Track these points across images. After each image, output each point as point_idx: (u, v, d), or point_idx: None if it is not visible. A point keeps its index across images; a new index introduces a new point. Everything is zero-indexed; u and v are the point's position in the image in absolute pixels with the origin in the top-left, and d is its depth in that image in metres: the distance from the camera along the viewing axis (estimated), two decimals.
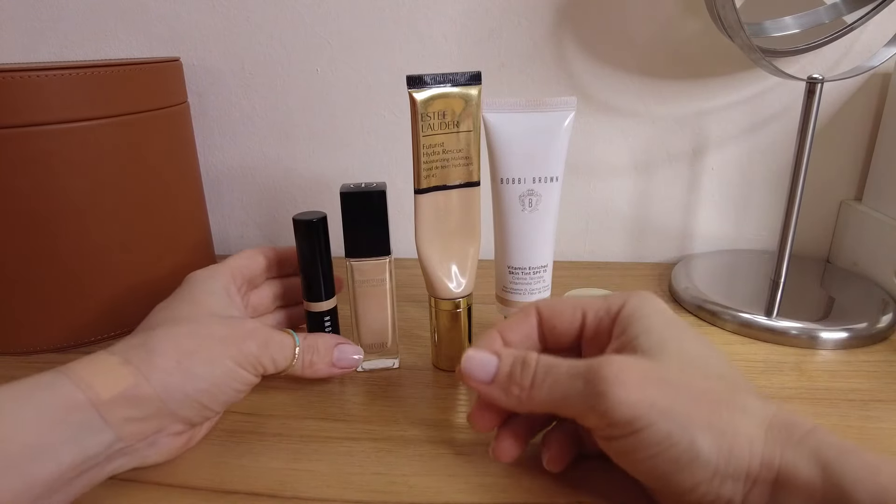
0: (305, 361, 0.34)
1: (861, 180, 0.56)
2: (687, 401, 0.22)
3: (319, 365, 0.35)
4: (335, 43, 0.55)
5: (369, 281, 0.37)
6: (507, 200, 0.38)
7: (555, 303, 0.30)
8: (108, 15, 0.56)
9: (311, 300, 0.39)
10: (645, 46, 0.53)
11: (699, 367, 0.24)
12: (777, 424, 0.22)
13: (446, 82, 0.35)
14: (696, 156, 0.57)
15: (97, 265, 0.43)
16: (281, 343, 0.33)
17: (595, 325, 0.28)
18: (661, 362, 0.24)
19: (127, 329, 0.45)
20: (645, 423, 0.22)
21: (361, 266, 0.37)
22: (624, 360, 0.24)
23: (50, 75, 0.38)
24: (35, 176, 0.39)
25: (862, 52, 0.52)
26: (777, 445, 0.21)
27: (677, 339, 0.25)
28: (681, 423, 0.22)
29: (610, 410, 0.22)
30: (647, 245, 0.60)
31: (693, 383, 0.23)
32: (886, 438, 0.33)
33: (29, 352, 0.42)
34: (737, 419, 0.22)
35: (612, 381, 0.23)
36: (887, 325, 0.43)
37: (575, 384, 0.24)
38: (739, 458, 0.21)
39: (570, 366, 0.25)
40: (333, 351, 0.36)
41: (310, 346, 0.35)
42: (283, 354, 0.33)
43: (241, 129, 0.59)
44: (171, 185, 0.47)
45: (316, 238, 0.38)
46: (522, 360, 0.26)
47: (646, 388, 0.22)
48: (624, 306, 0.28)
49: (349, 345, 0.37)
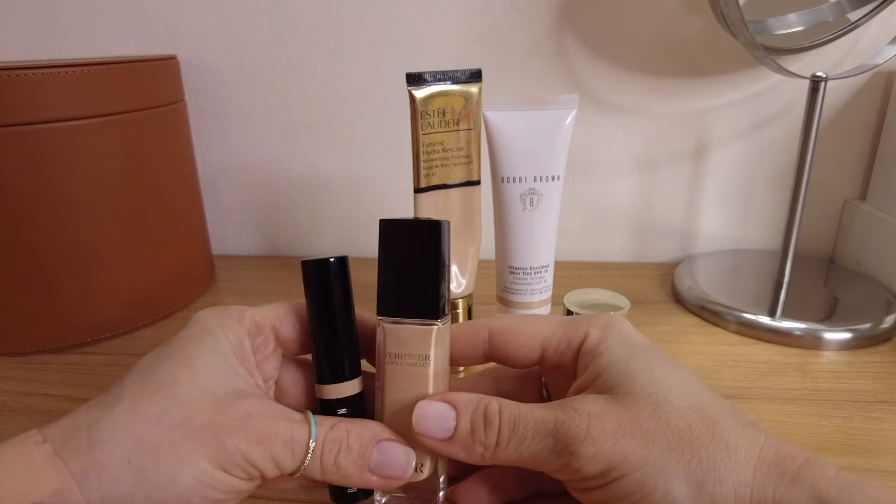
0: (326, 462, 0.24)
1: (865, 179, 0.56)
2: (662, 449, 0.21)
3: (349, 469, 0.24)
4: (334, 41, 0.55)
5: (405, 358, 0.25)
6: (507, 199, 0.38)
7: (510, 329, 0.26)
8: (105, 13, 0.56)
9: (322, 381, 0.26)
10: (647, 44, 0.53)
11: (674, 403, 0.22)
12: (767, 460, 0.21)
13: (446, 80, 0.34)
14: (698, 154, 0.56)
15: (92, 265, 0.42)
16: (288, 438, 0.23)
17: (556, 359, 0.26)
18: (632, 405, 0.22)
19: (124, 330, 0.45)
20: (617, 474, 0.21)
21: (396, 332, 0.25)
22: (593, 410, 0.22)
23: (46, 73, 0.37)
24: (31, 174, 0.39)
25: (866, 50, 0.51)
26: (769, 486, 0.20)
27: (646, 370, 0.23)
28: (655, 473, 0.21)
29: (582, 468, 0.21)
30: (649, 245, 0.60)
31: (669, 426, 0.21)
32: (891, 440, 0.33)
33: (25, 353, 0.42)
34: (719, 463, 0.21)
35: (583, 438, 0.21)
36: (891, 326, 0.43)
37: (544, 442, 0.22)
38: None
39: (536, 421, 0.23)
40: (371, 451, 0.24)
41: (336, 440, 0.24)
42: (290, 455, 0.23)
43: (238, 127, 0.59)
44: (167, 183, 0.47)
45: (330, 287, 0.26)
46: (484, 414, 0.23)
47: (618, 440, 0.21)
48: (586, 338, 0.25)
49: (398, 444, 0.25)
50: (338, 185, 0.60)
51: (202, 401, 0.22)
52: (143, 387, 0.22)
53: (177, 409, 0.22)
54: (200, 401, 0.22)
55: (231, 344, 0.25)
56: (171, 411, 0.22)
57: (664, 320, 0.47)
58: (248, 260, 0.61)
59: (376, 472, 0.24)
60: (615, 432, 0.21)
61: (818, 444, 0.32)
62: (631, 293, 0.49)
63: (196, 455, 0.21)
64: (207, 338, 0.24)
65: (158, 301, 0.47)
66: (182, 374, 0.23)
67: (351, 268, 0.27)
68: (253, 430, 0.22)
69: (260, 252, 0.63)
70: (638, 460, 0.21)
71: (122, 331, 0.45)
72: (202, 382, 0.23)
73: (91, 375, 0.40)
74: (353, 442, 0.24)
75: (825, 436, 0.33)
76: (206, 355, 0.24)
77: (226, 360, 0.24)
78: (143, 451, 0.21)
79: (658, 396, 0.22)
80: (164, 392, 0.22)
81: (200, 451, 0.21)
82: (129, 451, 0.21)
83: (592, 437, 0.21)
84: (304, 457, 0.23)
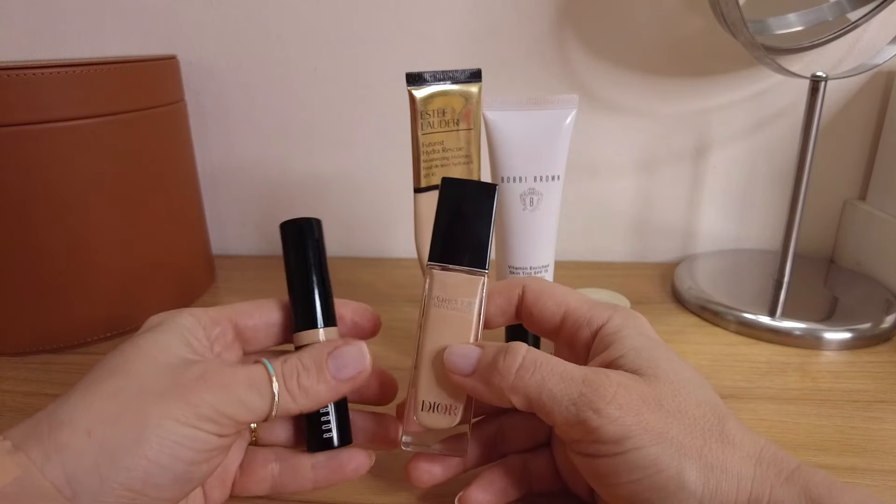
0: (292, 388, 0.24)
1: (865, 179, 0.56)
2: (680, 429, 0.22)
3: (316, 386, 0.24)
4: (334, 40, 0.55)
5: (451, 302, 0.26)
6: (507, 199, 0.38)
7: (542, 290, 0.28)
8: (105, 12, 0.56)
9: (301, 328, 0.27)
10: (647, 44, 0.53)
11: (693, 393, 0.23)
12: (766, 459, 0.21)
13: (446, 80, 0.34)
14: (698, 154, 0.56)
15: (92, 265, 0.42)
16: (248, 378, 0.23)
17: (573, 331, 0.27)
18: (657, 386, 0.23)
19: (123, 330, 0.45)
20: (634, 444, 0.21)
21: (444, 278, 0.26)
22: (622, 379, 0.23)
23: (46, 73, 0.37)
24: (31, 174, 0.39)
25: (866, 50, 0.51)
26: (766, 483, 0.21)
27: (668, 360, 0.24)
28: (671, 450, 0.21)
29: (601, 427, 0.21)
30: (649, 244, 0.60)
31: (688, 412, 0.22)
32: (890, 440, 0.33)
33: (26, 352, 0.42)
34: (727, 453, 0.21)
35: (610, 399, 0.22)
36: (891, 326, 0.43)
37: (569, 389, 0.23)
38: (726, 493, 0.21)
39: (564, 368, 0.23)
40: (328, 361, 0.25)
41: (292, 366, 0.25)
42: (257, 393, 0.23)
43: (238, 127, 0.59)
44: (167, 183, 0.47)
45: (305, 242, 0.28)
46: (507, 348, 0.24)
47: (642, 411, 0.22)
48: (608, 322, 0.26)
49: (347, 344, 0.26)
50: (338, 184, 0.60)
51: (158, 372, 0.23)
52: (97, 375, 0.22)
53: (134, 382, 0.22)
54: (156, 372, 0.22)
55: (181, 326, 0.25)
56: (128, 385, 0.22)
57: (664, 320, 0.47)
58: (249, 260, 0.61)
59: (338, 376, 0.25)
60: (640, 405, 0.22)
61: (818, 443, 0.32)
62: (631, 293, 0.49)
63: (159, 416, 0.21)
64: (156, 329, 0.25)
65: (159, 301, 0.47)
66: (134, 356, 0.23)
67: (352, 268, 0.28)
68: (213, 380, 0.22)
69: (260, 252, 0.63)
70: (658, 435, 0.21)
71: (122, 330, 0.45)
72: (153, 356, 0.23)
73: None
74: (307, 361, 0.25)
75: (825, 435, 0.33)
76: (156, 337, 0.24)
77: (173, 336, 0.24)
78: (102, 421, 0.20)
79: (679, 384, 0.23)
80: (117, 373, 0.22)
81: (163, 412, 0.21)
82: (88, 424, 0.20)
83: (619, 402, 0.22)
84: (270, 391, 0.23)
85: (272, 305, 0.28)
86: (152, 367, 0.23)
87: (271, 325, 0.28)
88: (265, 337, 0.28)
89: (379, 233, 0.61)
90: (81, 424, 0.20)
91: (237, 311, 0.27)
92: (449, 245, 0.27)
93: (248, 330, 0.27)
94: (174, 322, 0.25)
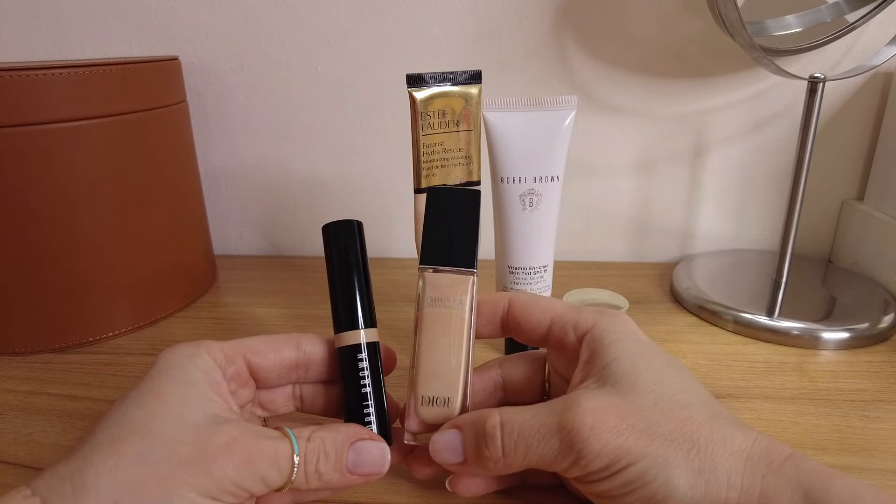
0: (310, 471, 0.24)
1: (863, 180, 0.56)
2: (663, 441, 0.22)
3: (330, 475, 0.25)
4: (335, 41, 0.55)
5: (443, 300, 0.28)
6: (507, 200, 0.38)
7: (528, 301, 0.29)
8: (107, 13, 0.56)
9: (343, 328, 0.28)
10: (646, 45, 0.53)
11: (676, 398, 0.23)
12: (757, 452, 0.22)
13: (446, 81, 0.35)
14: (697, 155, 0.57)
15: (95, 265, 0.42)
16: (273, 455, 0.23)
17: (560, 337, 0.27)
18: (635, 398, 0.23)
19: (126, 329, 0.45)
20: (622, 465, 0.22)
21: (436, 279, 0.28)
22: (597, 404, 0.23)
23: (48, 74, 0.38)
24: (33, 175, 0.39)
25: (864, 51, 0.51)
26: (757, 475, 0.21)
27: (650, 367, 0.25)
28: (657, 463, 0.22)
29: (589, 463, 0.22)
30: (648, 245, 0.60)
31: (671, 419, 0.23)
32: (888, 439, 0.33)
33: (27, 352, 0.42)
34: (716, 453, 0.22)
35: (587, 434, 0.22)
36: (889, 326, 0.43)
37: (550, 444, 0.23)
38: (716, 492, 0.21)
39: (540, 425, 0.23)
40: (348, 452, 0.25)
41: (315, 448, 0.25)
42: (277, 470, 0.23)
43: (240, 128, 0.59)
44: (169, 184, 0.47)
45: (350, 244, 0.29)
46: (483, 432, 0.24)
47: (621, 433, 0.22)
48: (593, 327, 0.26)
49: (372, 441, 0.26)
50: (339, 185, 0.60)
51: (181, 432, 0.22)
52: (119, 429, 0.22)
53: (158, 445, 0.22)
54: (180, 432, 0.22)
55: (201, 371, 0.25)
56: (153, 448, 0.21)
57: (663, 320, 0.47)
58: (250, 260, 0.61)
59: (354, 471, 0.25)
60: (618, 426, 0.22)
61: (816, 443, 0.33)
62: (630, 293, 0.49)
63: (183, 487, 0.21)
64: (174, 371, 0.25)
65: (160, 301, 0.47)
66: (156, 410, 0.23)
67: None
68: (239, 453, 0.22)
69: (261, 252, 0.63)
70: (640, 452, 0.22)
71: (123, 330, 0.45)
72: (178, 414, 0.23)
73: (93, 375, 0.40)
74: (329, 447, 0.25)
75: (823, 435, 0.33)
76: (176, 387, 0.24)
77: (197, 388, 0.24)
78: (129, 492, 0.20)
79: (661, 392, 0.24)
80: (141, 431, 0.22)
81: (188, 483, 0.21)
82: (115, 493, 0.20)
83: (597, 433, 0.22)
84: (290, 470, 0.24)
85: (285, 345, 0.28)
86: (178, 427, 0.22)
87: (284, 366, 0.28)
88: (277, 378, 0.28)
89: (379, 233, 0.61)
90: (108, 494, 0.20)
91: (250, 350, 0.27)
92: (439, 249, 0.28)
93: (261, 370, 0.27)
94: (193, 366, 0.25)
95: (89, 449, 0.22)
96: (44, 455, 0.32)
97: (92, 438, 0.22)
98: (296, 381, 0.29)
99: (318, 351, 0.28)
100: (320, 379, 0.29)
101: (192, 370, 0.25)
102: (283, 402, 0.29)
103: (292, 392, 0.29)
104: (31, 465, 0.31)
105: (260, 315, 0.49)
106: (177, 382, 0.24)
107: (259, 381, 0.28)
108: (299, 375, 0.29)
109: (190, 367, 0.25)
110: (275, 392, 0.29)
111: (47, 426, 0.35)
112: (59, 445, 0.33)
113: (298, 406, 0.30)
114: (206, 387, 0.25)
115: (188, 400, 0.24)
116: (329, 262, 0.29)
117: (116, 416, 0.23)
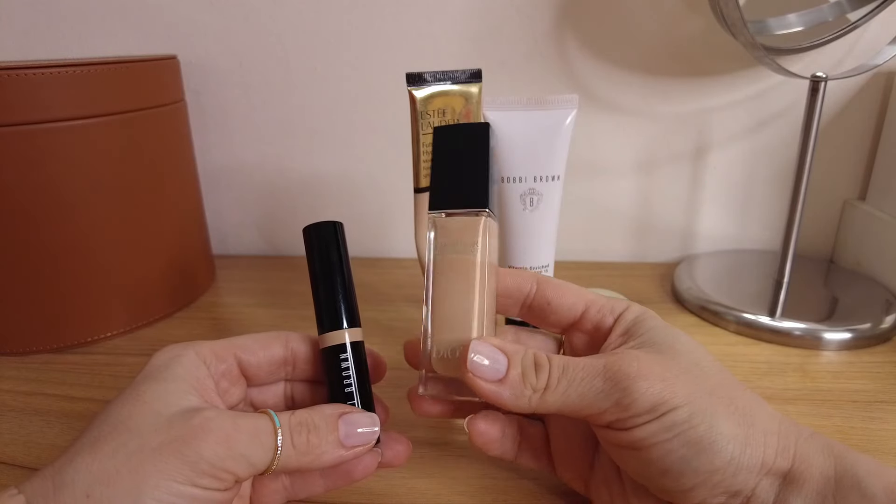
0: (299, 445, 0.24)
1: (865, 179, 0.56)
2: (704, 391, 0.23)
3: (322, 445, 0.24)
4: (334, 40, 0.55)
5: (455, 245, 0.26)
6: (507, 199, 0.38)
7: (561, 284, 0.28)
8: (105, 12, 0.56)
9: (326, 329, 0.27)
10: (647, 44, 0.53)
11: (710, 366, 0.25)
12: (786, 420, 0.23)
13: (446, 80, 0.34)
14: (698, 154, 0.56)
15: (93, 265, 0.42)
16: (253, 430, 0.23)
17: (597, 320, 0.27)
18: (676, 357, 0.24)
19: (124, 330, 0.45)
20: (668, 407, 0.22)
21: (446, 224, 0.26)
22: (642, 355, 0.24)
23: (46, 73, 0.37)
24: (31, 175, 0.39)
25: (866, 51, 0.51)
26: (791, 438, 0.22)
27: (684, 341, 0.26)
28: (702, 407, 0.22)
29: (634, 402, 0.22)
30: (649, 245, 0.60)
31: (709, 378, 0.24)
32: (890, 440, 0.33)
33: (26, 352, 0.42)
34: (753, 411, 0.23)
35: (635, 375, 0.23)
36: (891, 326, 0.43)
37: (593, 383, 0.23)
38: (755, 447, 0.22)
39: (585, 365, 0.24)
40: (338, 423, 0.25)
41: (302, 422, 0.24)
42: (260, 446, 0.23)
43: (238, 127, 0.59)
44: (168, 183, 0.47)
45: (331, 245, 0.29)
46: (534, 361, 0.24)
47: (667, 377, 0.23)
48: (627, 310, 0.27)
49: (359, 413, 0.26)
50: (338, 184, 0.60)
51: (155, 424, 0.22)
52: (100, 431, 0.22)
53: (132, 439, 0.21)
54: (153, 424, 0.22)
55: (183, 368, 0.25)
56: (127, 442, 0.21)
57: (664, 320, 0.47)
58: (249, 260, 0.61)
59: (347, 442, 0.24)
60: (663, 374, 0.23)
61: None
62: (631, 293, 0.49)
63: (156, 476, 0.21)
64: (158, 372, 0.25)
65: (159, 301, 0.47)
66: (134, 409, 0.23)
67: (352, 267, 0.29)
68: (213, 432, 0.22)
69: (260, 252, 0.63)
70: (686, 396, 0.22)
71: (122, 331, 0.45)
72: (153, 409, 0.23)
73: (91, 375, 0.40)
74: (318, 420, 0.24)
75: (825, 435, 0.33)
76: (155, 385, 0.24)
77: (175, 385, 0.24)
78: (100, 483, 0.20)
79: (697, 358, 0.25)
80: (119, 428, 0.22)
81: (161, 471, 0.21)
82: (88, 486, 0.20)
83: (644, 374, 0.23)
84: (274, 444, 0.23)
85: (274, 342, 0.28)
86: (152, 420, 0.22)
87: (274, 362, 0.28)
88: (267, 375, 0.28)
89: (379, 233, 0.61)
90: (81, 486, 0.20)
91: (240, 347, 0.27)
92: (447, 191, 0.27)
93: (251, 367, 0.27)
94: (177, 365, 0.25)
95: (74, 451, 0.22)
96: (42, 455, 0.32)
97: (77, 441, 0.22)
98: (286, 378, 0.29)
99: (304, 349, 0.28)
100: (308, 377, 0.29)
101: (175, 368, 0.25)
102: (275, 401, 0.29)
103: (283, 391, 0.29)
104: (29, 466, 0.31)
105: (258, 315, 0.49)
106: (156, 381, 0.24)
107: (250, 379, 0.28)
108: (288, 372, 0.28)
109: (174, 365, 0.25)
110: (266, 391, 0.29)
111: (45, 426, 0.35)
112: (57, 446, 0.33)
113: (290, 405, 0.29)
114: (185, 384, 0.24)
115: (165, 396, 0.23)
116: (311, 264, 0.28)
117: (101, 419, 0.23)
